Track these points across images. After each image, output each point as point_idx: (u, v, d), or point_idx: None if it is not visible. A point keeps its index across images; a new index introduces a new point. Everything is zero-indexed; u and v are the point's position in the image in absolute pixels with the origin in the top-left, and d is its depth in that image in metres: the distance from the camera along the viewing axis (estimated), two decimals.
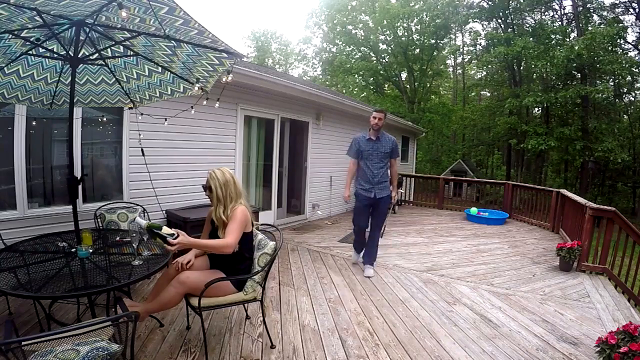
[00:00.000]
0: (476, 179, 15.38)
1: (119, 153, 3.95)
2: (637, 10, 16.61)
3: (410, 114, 22.12)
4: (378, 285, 3.67)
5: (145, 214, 3.55)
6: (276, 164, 6.09)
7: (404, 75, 25.68)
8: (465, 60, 25.82)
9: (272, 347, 2.43)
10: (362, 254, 4.17)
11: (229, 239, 2.09)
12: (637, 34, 17.27)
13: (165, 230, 1.87)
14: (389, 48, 24.38)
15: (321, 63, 29.26)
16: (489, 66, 20.17)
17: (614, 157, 14.58)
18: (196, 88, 2.64)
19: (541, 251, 5.29)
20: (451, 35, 23.95)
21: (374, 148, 3.82)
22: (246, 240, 2.29)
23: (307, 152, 6.77)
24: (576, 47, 14.36)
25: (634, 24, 17.08)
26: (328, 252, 4.79)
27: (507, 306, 3.27)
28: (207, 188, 2.27)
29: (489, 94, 25.67)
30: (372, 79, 26.11)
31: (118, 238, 2.67)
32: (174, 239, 1.85)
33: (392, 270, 4.17)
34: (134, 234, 2.17)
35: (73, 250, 2.24)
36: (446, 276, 4.02)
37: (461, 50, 24.51)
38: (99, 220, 3.28)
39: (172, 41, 2.10)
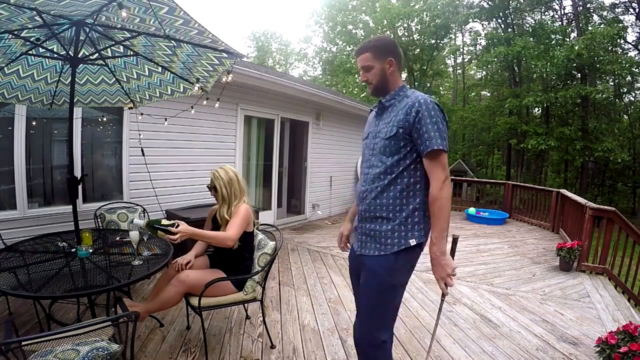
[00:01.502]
0: (476, 179, 15.37)
1: (119, 153, 3.95)
2: (637, 10, 16.61)
3: None
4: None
5: (145, 214, 3.55)
6: (276, 164, 6.09)
7: (404, 75, 25.64)
8: (465, 60, 25.83)
9: (272, 347, 2.42)
10: None
11: (231, 232, 2.10)
12: (637, 34, 17.28)
13: (165, 222, 1.90)
14: None
15: (321, 63, 29.28)
16: (489, 66, 20.17)
17: (614, 157, 14.59)
18: (196, 88, 2.64)
19: (541, 251, 5.28)
20: (451, 35, 23.94)
21: (374, 131, 1.64)
22: (247, 239, 2.29)
23: (307, 152, 6.77)
24: (576, 47, 14.37)
25: (634, 24, 17.08)
26: (328, 252, 4.79)
27: (507, 306, 3.27)
28: (212, 188, 2.28)
29: (488, 94, 25.67)
30: None
31: (118, 238, 2.67)
32: (175, 228, 1.87)
33: None
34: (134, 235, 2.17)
35: (73, 250, 2.24)
36: None
37: (461, 50, 24.52)
38: (99, 220, 3.28)
39: (172, 41, 2.10)
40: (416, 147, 1.46)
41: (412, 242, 1.47)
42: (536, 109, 19.25)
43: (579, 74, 16.71)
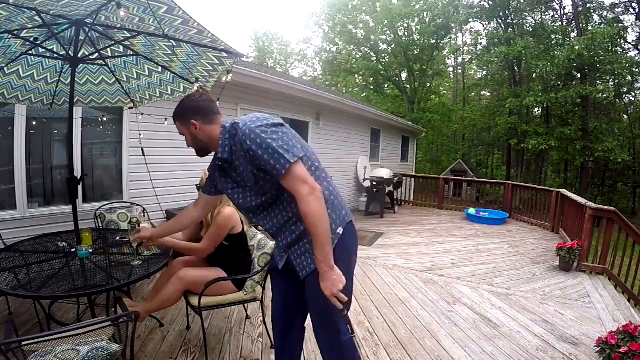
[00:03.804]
0: (476, 179, 15.38)
1: (119, 153, 3.95)
2: (637, 10, 16.61)
3: (410, 113, 22.14)
4: (378, 285, 3.66)
5: (146, 214, 3.55)
6: None
7: (404, 75, 25.70)
8: (466, 60, 25.85)
9: (272, 347, 2.42)
10: None
11: (204, 245, 2.12)
12: (637, 34, 17.29)
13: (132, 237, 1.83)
14: (390, 48, 24.41)
15: (321, 63, 29.30)
16: (490, 66, 20.17)
17: (614, 157, 14.60)
18: (196, 87, 2.64)
19: (541, 251, 5.28)
20: (452, 35, 23.96)
21: (236, 188, 1.55)
22: (237, 241, 2.27)
23: None
24: (577, 47, 14.37)
25: (634, 24, 17.10)
26: None
27: (507, 306, 3.27)
28: (201, 188, 2.26)
29: (489, 94, 25.68)
30: (372, 79, 26.15)
31: (118, 238, 2.67)
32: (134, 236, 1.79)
33: (392, 270, 4.17)
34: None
35: (73, 250, 2.24)
36: (446, 276, 4.02)
37: (461, 50, 24.54)
38: (99, 220, 3.28)
39: (172, 41, 2.10)
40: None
41: (340, 230, 1.39)
42: (536, 109, 19.25)
43: (579, 74, 16.72)
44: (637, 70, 15.70)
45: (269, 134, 1.25)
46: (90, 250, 2.21)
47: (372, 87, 26.97)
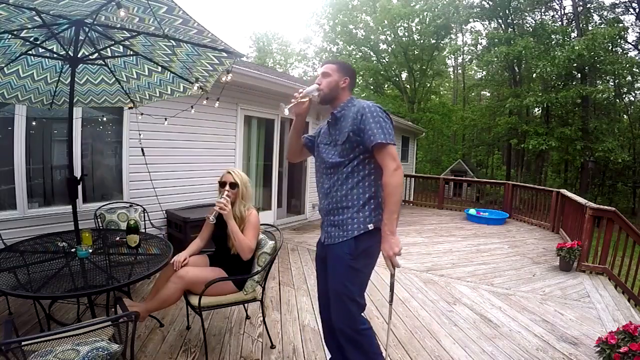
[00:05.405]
0: (476, 179, 15.37)
1: (119, 153, 3.95)
2: (637, 10, 16.61)
3: (410, 113, 22.13)
4: (378, 285, 3.66)
5: (145, 214, 3.55)
6: (276, 164, 6.08)
7: (404, 75, 25.70)
8: (466, 60, 25.84)
9: (272, 347, 2.42)
10: None
11: (252, 242, 2.19)
12: (637, 34, 17.28)
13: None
14: (390, 48, 24.39)
15: (321, 63, 29.25)
16: (490, 66, 20.14)
17: (614, 157, 14.58)
18: (195, 87, 2.64)
19: (541, 251, 5.28)
20: (452, 35, 23.93)
21: (330, 139, 1.84)
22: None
23: None
24: (577, 47, 14.35)
25: (634, 24, 17.09)
26: None
27: (507, 306, 3.27)
28: (232, 184, 2.26)
29: (489, 94, 25.68)
30: (372, 79, 26.14)
31: (118, 238, 2.67)
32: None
33: None
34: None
35: (73, 250, 2.24)
36: (446, 276, 4.02)
37: (461, 50, 24.54)
38: (98, 220, 3.28)
39: (172, 41, 2.10)
40: (364, 144, 1.64)
41: (370, 226, 1.67)
42: (536, 109, 19.25)
43: (579, 74, 16.71)
44: (637, 70, 15.68)
45: (383, 116, 1.65)
46: (90, 250, 2.21)
47: (372, 87, 26.95)
